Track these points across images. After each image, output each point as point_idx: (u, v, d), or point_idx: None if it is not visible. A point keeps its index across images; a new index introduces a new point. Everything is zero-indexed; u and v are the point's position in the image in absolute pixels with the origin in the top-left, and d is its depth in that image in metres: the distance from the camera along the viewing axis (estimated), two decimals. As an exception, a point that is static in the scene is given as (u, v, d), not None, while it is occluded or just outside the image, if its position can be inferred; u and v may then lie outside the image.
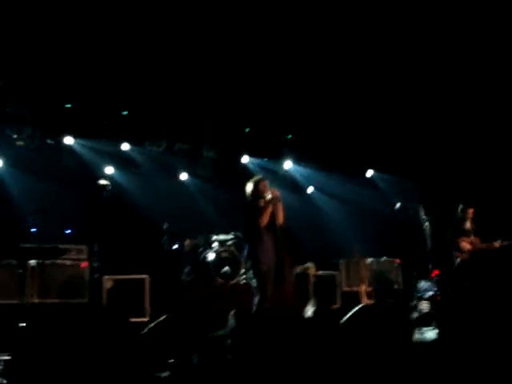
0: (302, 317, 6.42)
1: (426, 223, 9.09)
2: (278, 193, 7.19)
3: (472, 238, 9.52)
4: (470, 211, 9.69)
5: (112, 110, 10.67)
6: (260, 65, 9.77)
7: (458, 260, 9.43)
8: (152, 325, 5.99)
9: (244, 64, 9.70)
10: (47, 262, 7.99)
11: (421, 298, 9.00)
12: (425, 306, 8.84)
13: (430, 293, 8.96)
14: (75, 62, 9.14)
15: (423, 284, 9.15)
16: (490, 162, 11.48)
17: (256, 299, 7.09)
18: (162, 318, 6.07)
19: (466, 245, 9.44)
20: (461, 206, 9.70)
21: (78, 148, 10.75)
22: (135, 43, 9.01)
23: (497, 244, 9.36)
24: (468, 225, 9.66)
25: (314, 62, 9.85)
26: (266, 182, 7.30)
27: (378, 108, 11.23)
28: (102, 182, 7.60)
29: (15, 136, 10.02)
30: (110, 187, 7.64)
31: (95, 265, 9.41)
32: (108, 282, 8.72)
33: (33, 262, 8.17)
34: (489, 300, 7.09)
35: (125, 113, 10.85)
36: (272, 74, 10.02)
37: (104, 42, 8.86)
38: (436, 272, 9.65)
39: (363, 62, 9.91)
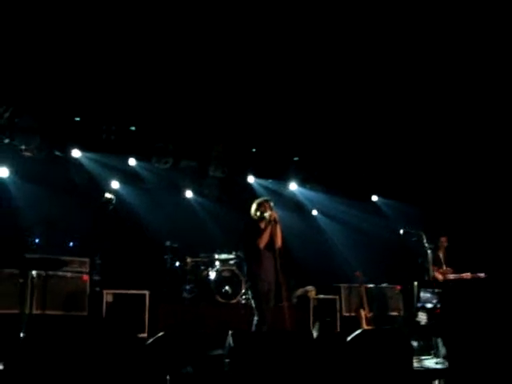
0: (301, 339, 6.39)
1: (429, 251, 9.07)
2: (276, 215, 7.24)
3: (444, 267, 9.46)
4: (443, 240, 9.66)
5: (120, 125, 10.72)
6: (270, 87, 9.82)
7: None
8: (150, 341, 5.98)
9: (254, 86, 9.75)
10: (49, 273, 7.98)
11: (419, 309, 8.84)
12: (422, 318, 8.70)
13: (430, 305, 8.78)
14: (86, 75, 9.19)
15: (423, 294, 8.99)
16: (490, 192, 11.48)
17: (255, 320, 7.10)
18: (159, 335, 6.07)
19: (437, 274, 9.37)
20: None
21: (84, 161, 10.77)
22: (147, 61, 9.07)
23: (467, 276, 9.28)
24: (441, 254, 9.62)
25: (326, 88, 9.90)
26: (269, 204, 7.35)
27: (385, 134, 11.26)
28: (108, 195, 7.62)
29: (23, 147, 10.05)
30: (115, 201, 7.66)
31: (96, 278, 9.42)
32: (108, 295, 8.72)
33: (34, 272, 8.19)
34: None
35: (132, 128, 10.90)
36: (282, 96, 10.06)
37: (116, 58, 8.92)
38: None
39: (373, 88, 9.95)
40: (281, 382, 5.13)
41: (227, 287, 10.17)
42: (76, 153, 10.62)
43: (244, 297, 10.19)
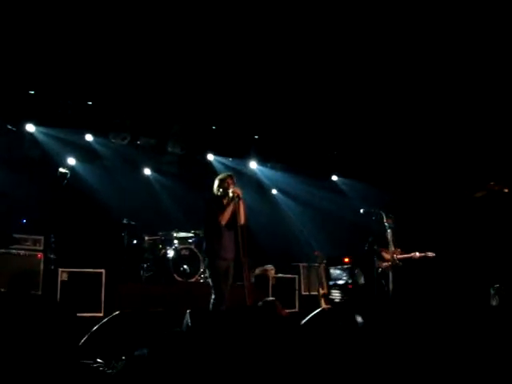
0: (258, 317, 6.35)
1: (389, 230, 9.11)
2: (239, 191, 7.12)
3: (392, 248, 9.51)
4: (390, 221, 9.71)
5: (77, 99, 10.46)
6: (230, 64, 9.68)
7: (380, 269, 9.47)
8: (104, 320, 5.85)
9: (214, 62, 9.60)
10: (1, 250, 7.77)
11: (332, 287, 8.80)
12: (336, 295, 8.66)
13: (341, 281, 8.76)
14: (41, 48, 8.92)
15: (333, 271, 8.96)
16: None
17: (212, 299, 6.99)
18: (115, 314, 5.95)
19: (385, 255, 9.44)
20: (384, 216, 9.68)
21: (39, 136, 10.51)
22: (104, 33, 8.83)
23: (415, 256, 9.40)
24: (389, 235, 9.66)
25: (284, 65, 9.80)
26: (232, 180, 7.23)
27: (345, 114, 11.23)
28: (62, 170, 7.41)
29: (-26, 120, 9.76)
30: (69, 176, 7.44)
31: (51, 256, 9.22)
32: (63, 274, 8.54)
33: (-16, 250, 7.97)
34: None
35: (89, 103, 10.64)
36: (242, 74, 9.94)
37: (71, 30, 8.66)
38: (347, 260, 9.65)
39: (331, 66, 9.88)
40: (238, 361, 5.07)
41: (186, 266, 10.09)
42: (30, 127, 10.34)
43: (203, 276, 10.11)
